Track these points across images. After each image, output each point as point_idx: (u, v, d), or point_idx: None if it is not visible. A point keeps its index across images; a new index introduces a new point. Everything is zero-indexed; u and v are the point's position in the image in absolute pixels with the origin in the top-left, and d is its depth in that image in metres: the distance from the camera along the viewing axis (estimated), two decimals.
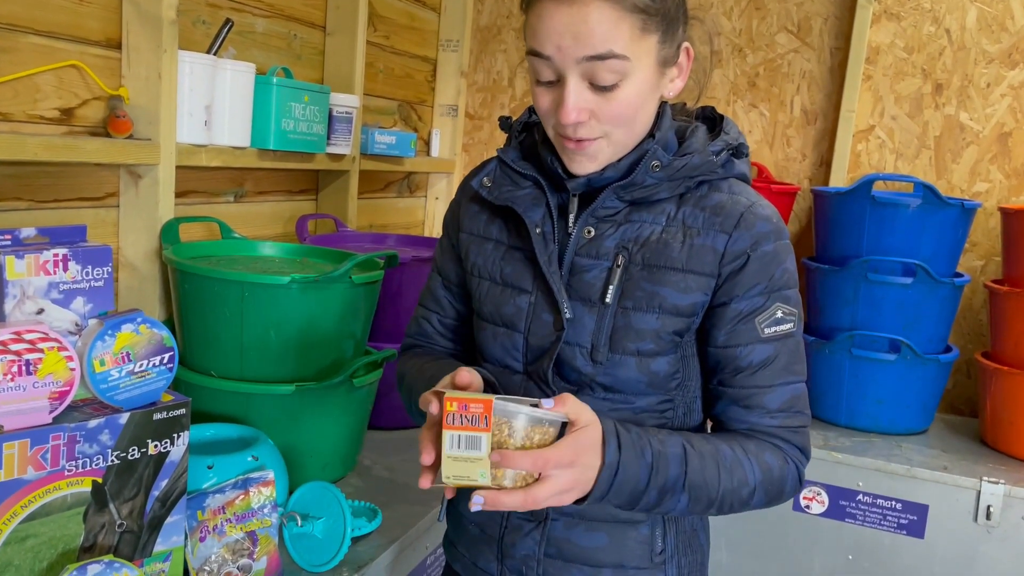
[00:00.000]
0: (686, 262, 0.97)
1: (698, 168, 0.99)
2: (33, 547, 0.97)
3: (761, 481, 0.96)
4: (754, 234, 0.97)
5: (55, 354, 0.97)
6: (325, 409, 1.52)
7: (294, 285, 1.42)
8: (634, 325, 0.98)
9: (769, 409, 0.98)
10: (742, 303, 0.97)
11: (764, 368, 0.97)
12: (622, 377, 0.99)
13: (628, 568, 1.03)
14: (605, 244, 1.00)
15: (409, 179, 2.65)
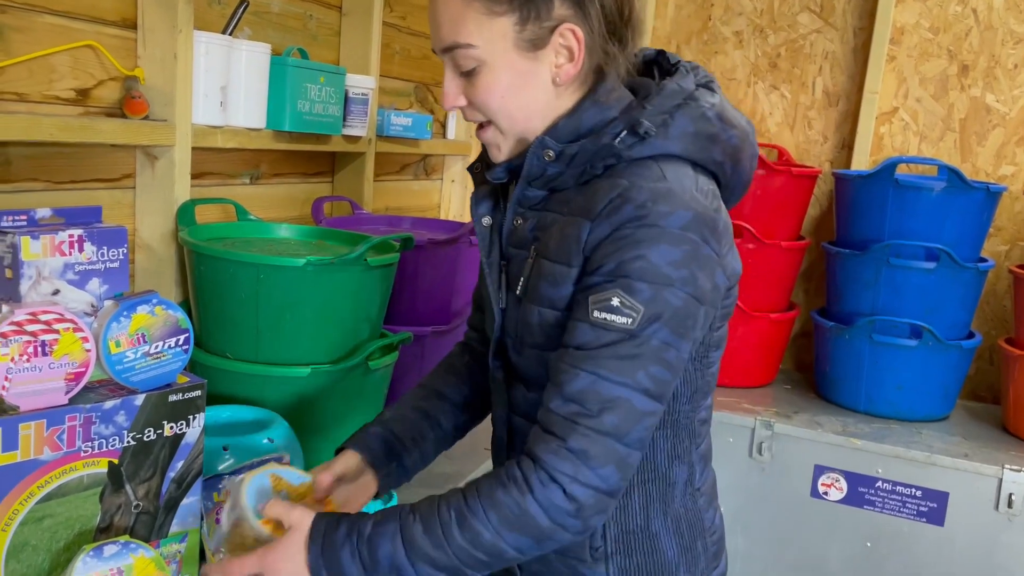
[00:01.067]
0: (555, 252, 0.93)
1: (596, 153, 0.92)
2: (50, 527, 0.97)
3: (499, 523, 0.85)
4: (616, 219, 0.87)
5: (71, 335, 0.97)
6: (341, 392, 1.51)
7: (309, 267, 1.41)
8: (525, 318, 0.96)
9: (563, 392, 0.86)
10: (588, 278, 0.89)
11: (578, 348, 0.87)
12: (531, 372, 0.97)
13: (569, 557, 1.01)
14: (527, 234, 0.99)
15: (425, 161, 2.64)
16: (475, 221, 1.03)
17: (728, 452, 2.00)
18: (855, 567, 1.93)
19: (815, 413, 2.08)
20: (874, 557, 1.91)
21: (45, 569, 0.98)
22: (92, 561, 0.94)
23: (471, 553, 0.86)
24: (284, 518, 0.92)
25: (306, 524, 0.90)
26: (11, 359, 0.92)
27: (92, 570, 0.93)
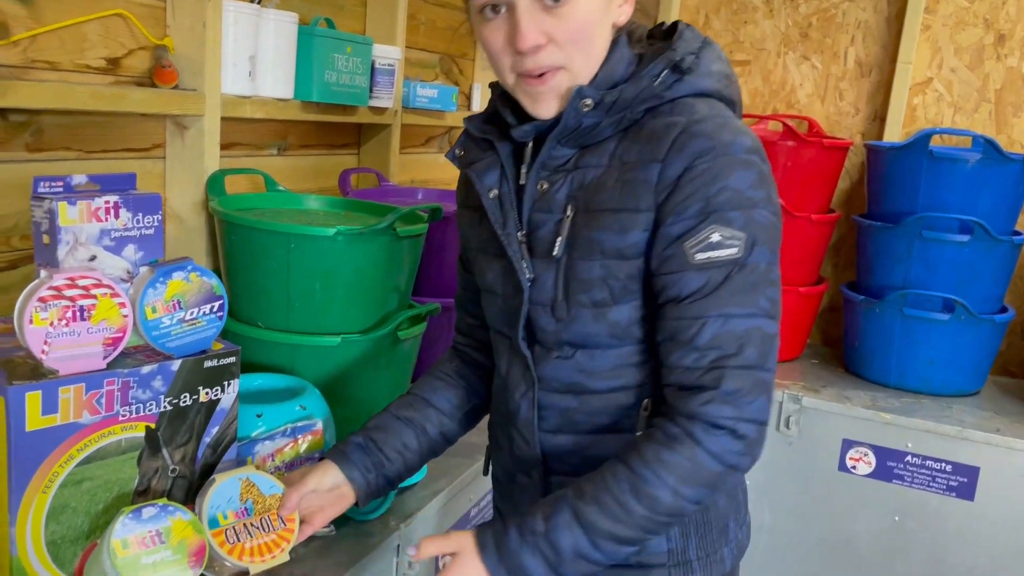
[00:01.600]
0: (619, 201, 0.91)
1: (636, 97, 0.91)
2: (89, 490, 0.98)
3: (676, 482, 0.86)
4: (688, 154, 0.88)
5: (108, 300, 0.97)
6: (370, 362, 1.52)
7: (340, 237, 1.41)
8: (581, 275, 0.94)
9: (697, 345, 0.87)
10: (673, 226, 0.88)
11: (693, 298, 0.87)
12: (582, 331, 0.95)
13: None
14: (557, 197, 0.96)
15: (450, 134, 2.62)
16: (482, 196, 0.99)
17: None
18: (882, 541, 1.92)
19: (843, 387, 2.06)
20: (902, 531, 1.90)
21: (84, 531, 0.99)
22: (131, 523, 0.95)
23: (652, 519, 0.87)
24: (442, 549, 0.91)
25: (470, 543, 0.89)
26: (50, 323, 0.93)
27: (131, 532, 0.95)
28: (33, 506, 0.94)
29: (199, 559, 0.98)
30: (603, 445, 0.97)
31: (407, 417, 1.14)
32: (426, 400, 1.16)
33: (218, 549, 1.01)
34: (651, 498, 0.86)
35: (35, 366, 0.95)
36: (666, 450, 0.87)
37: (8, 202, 1.30)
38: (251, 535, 1.04)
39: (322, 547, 1.17)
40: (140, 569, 0.93)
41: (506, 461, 1.07)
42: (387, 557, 1.23)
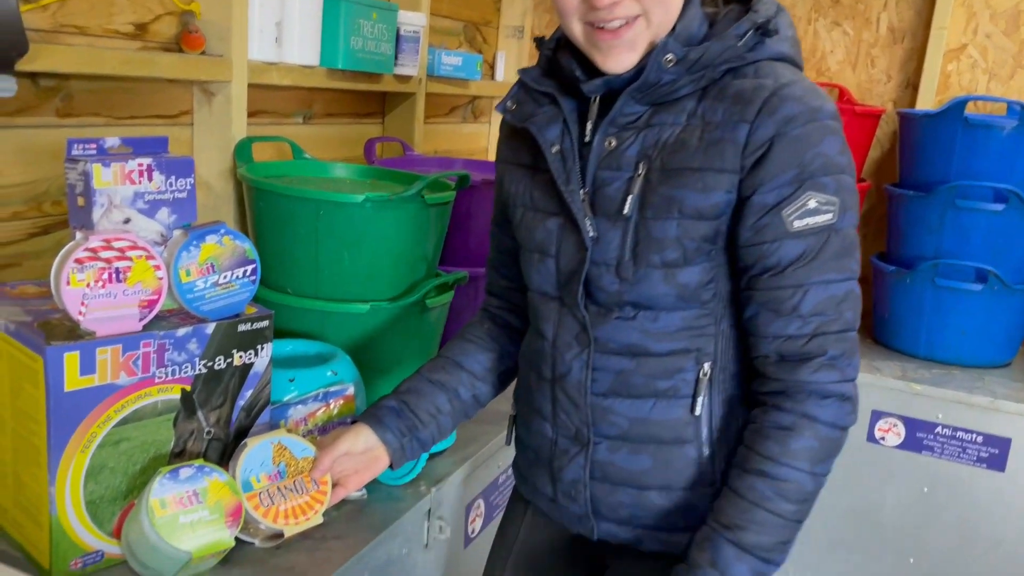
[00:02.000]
0: (703, 160, 0.90)
1: (720, 56, 0.90)
2: (127, 450, 0.99)
3: (811, 466, 0.89)
4: (780, 118, 0.87)
5: (143, 263, 0.97)
6: (398, 330, 1.52)
7: (368, 204, 1.40)
8: (654, 235, 0.92)
9: (801, 313, 0.88)
10: (767, 195, 0.88)
11: (795, 266, 0.88)
12: (649, 292, 0.93)
13: (676, 489, 0.98)
14: (627, 154, 0.94)
15: (473, 104, 2.60)
16: (544, 151, 0.97)
17: None
18: (911, 513, 1.91)
19: (873, 358, 2.04)
20: (931, 503, 1.89)
21: (122, 491, 1.00)
22: (168, 483, 0.96)
23: (804, 507, 0.90)
24: None
25: None
26: (87, 285, 0.93)
27: (169, 492, 0.95)
28: (72, 466, 0.95)
29: (235, 519, 0.99)
30: (655, 410, 0.97)
31: (439, 380, 1.13)
32: (457, 363, 1.15)
33: (252, 512, 1.02)
34: (797, 491, 0.89)
35: (72, 327, 0.95)
36: (791, 440, 0.89)
37: (40, 167, 1.30)
38: (285, 498, 1.05)
39: (354, 511, 1.18)
40: (178, 528, 0.94)
41: (543, 427, 1.05)
42: (418, 521, 1.24)
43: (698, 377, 0.96)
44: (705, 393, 0.96)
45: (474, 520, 1.44)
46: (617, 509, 1.00)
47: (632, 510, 1.00)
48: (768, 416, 0.91)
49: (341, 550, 1.07)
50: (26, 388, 0.94)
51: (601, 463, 1.00)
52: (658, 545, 1.00)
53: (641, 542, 1.00)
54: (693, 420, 0.96)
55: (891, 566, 1.94)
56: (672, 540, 0.99)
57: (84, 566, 0.98)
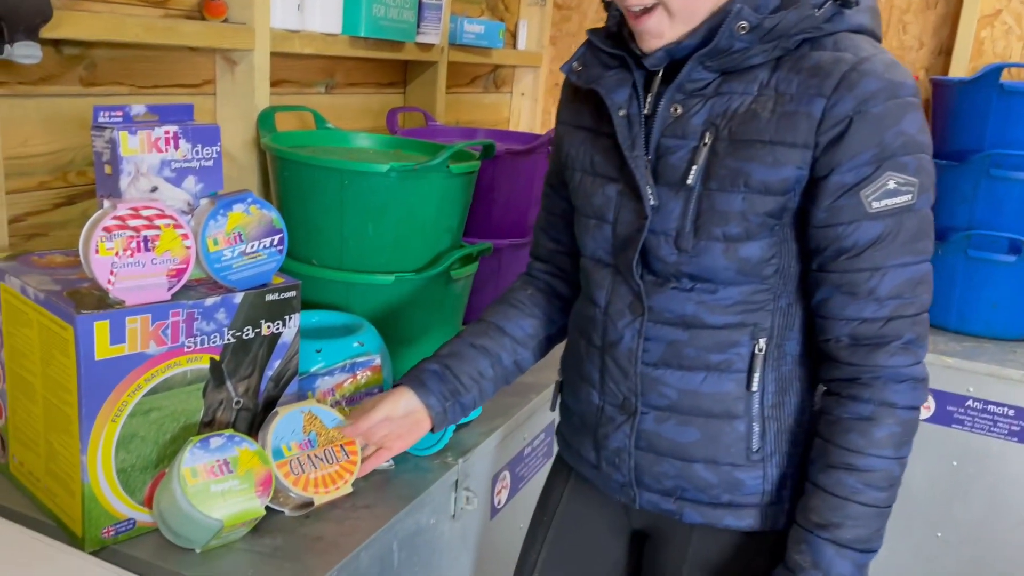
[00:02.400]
0: (775, 133, 0.87)
1: (795, 25, 0.86)
2: (157, 420, 0.99)
3: (895, 452, 0.89)
4: (859, 93, 0.83)
5: (171, 231, 0.96)
6: (423, 301, 1.51)
7: (393, 174, 1.39)
8: (718, 207, 0.90)
9: (878, 296, 0.87)
10: (845, 174, 0.85)
11: (873, 248, 0.86)
12: (709, 265, 0.92)
13: (721, 464, 0.97)
14: (692, 122, 0.91)
15: (495, 73, 2.57)
16: (612, 114, 0.94)
17: None
18: (940, 486, 1.89)
19: None
20: (960, 476, 1.87)
21: (153, 460, 1.00)
22: (199, 452, 0.96)
23: (895, 491, 0.91)
24: None
25: None
26: (115, 253, 0.92)
27: (200, 461, 0.95)
28: (103, 435, 0.95)
29: (266, 489, 0.99)
30: (706, 383, 0.95)
31: (483, 345, 1.11)
32: (500, 328, 1.13)
33: (283, 480, 1.02)
34: (886, 478, 0.89)
35: (101, 297, 0.95)
36: (873, 430, 0.89)
37: (64, 137, 1.29)
38: (315, 467, 1.05)
39: (382, 481, 1.18)
40: (209, 497, 0.94)
41: (590, 394, 1.04)
42: (445, 492, 1.24)
43: (753, 352, 0.94)
44: (760, 369, 0.94)
45: (500, 492, 1.44)
46: (661, 479, 1.00)
47: (676, 481, 0.99)
48: (845, 407, 0.90)
49: (370, 519, 1.07)
50: (57, 357, 0.94)
51: (647, 433, 0.99)
52: (698, 517, 1.00)
53: (682, 513, 1.00)
54: (745, 395, 0.95)
55: (919, 540, 1.92)
56: (713, 514, 0.99)
57: (116, 534, 0.99)
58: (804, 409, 0.97)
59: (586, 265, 1.04)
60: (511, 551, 1.55)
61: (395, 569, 1.12)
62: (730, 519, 0.98)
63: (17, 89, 1.21)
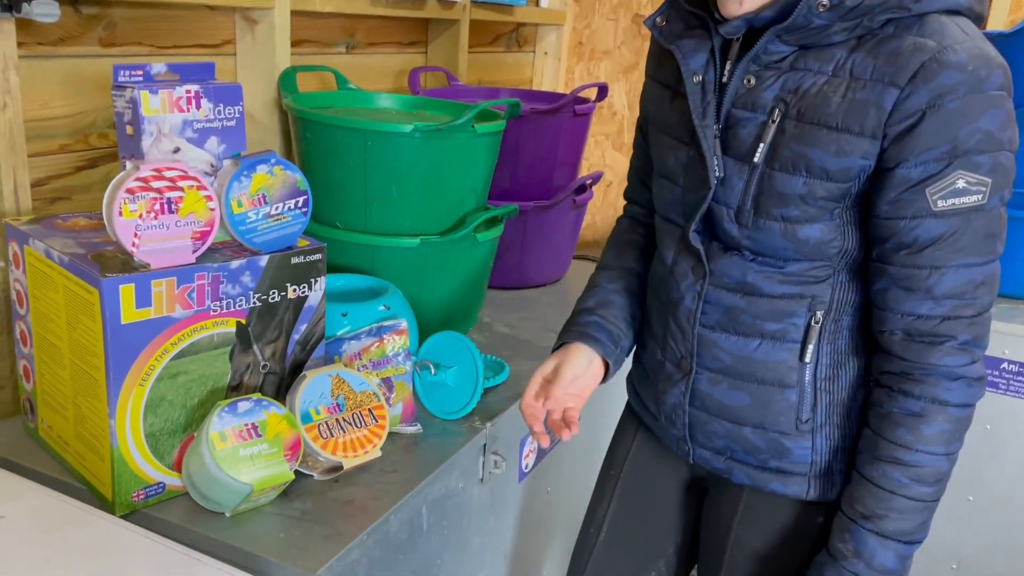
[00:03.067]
0: (842, 120, 0.84)
1: (880, 4, 0.81)
2: (184, 383, 0.98)
3: (945, 448, 0.88)
4: (935, 87, 0.79)
5: (195, 193, 0.95)
6: (449, 263, 1.49)
7: (417, 134, 1.36)
8: (778, 189, 0.89)
9: (934, 295, 0.85)
10: (912, 169, 0.82)
11: (934, 247, 0.84)
12: (766, 243, 0.91)
13: (770, 431, 0.98)
14: (764, 95, 0.88)
15: (518, 32, 2.52)
16: (685, 78, 0.92)
17: None
18: (972, 450, 1.84)
19: None
20: (993, 440, 1.83)
21: (181, 424, 1.00)
22: (228, 416, 0.95)
23: (943, 486, 0.90)
24: None
25: None
26: (139, 216, 0.91)
27: (228, 425, 0.95)
28: (131, 399, 0.94)
29: (295, 453, 0.98)
30: (760, 350, 0.96)
31: (624, 289, 1.11)
32: (631, 270, 1.13)
33: (312, 444, 1.01)
34: (933, 474, 0.88)
35: (126, 260, 0.94)
36: (923, 426, 0.87)
37: (85, 99, 1.27)
38: (344, 430, 1.04)
39: (410, 445, 1.17)
40: (238, 461, 0.94)
41: (655, 348, 1.06)
42: (473, 455, 1.23)
43: (809, 324, 0.94)
44: (815, 341, 0.94)
45: (528, 455, 1.43)
46: (712, 438, 1.02)
47: (726, 441, 1.01)
48: (896, 401, 0.89)
49: (399, 483, 1.07)
50: (83, 321, 0.93)
51: (700, 393, 1.01)
52: (746, 479, 1.01)
53: (731, 473, 1.02)
54: (799, 366, 0.95)
55: (949, 505, 1.90)
56: (761, 477, 1.00)
57: (146, 498, 0.99)
58: (860, 384, 0.96)
59: (658, 222, 1.05)
60: (539, 514, 1.55)
61: (424, 532, 1.12)
62: (776, 485, 0.99)
63: (36, 50, 1.19)
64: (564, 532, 1.68)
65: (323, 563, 0.90)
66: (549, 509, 1.59)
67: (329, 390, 1.04)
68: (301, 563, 0.90)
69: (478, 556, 1.31)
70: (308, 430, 1.01)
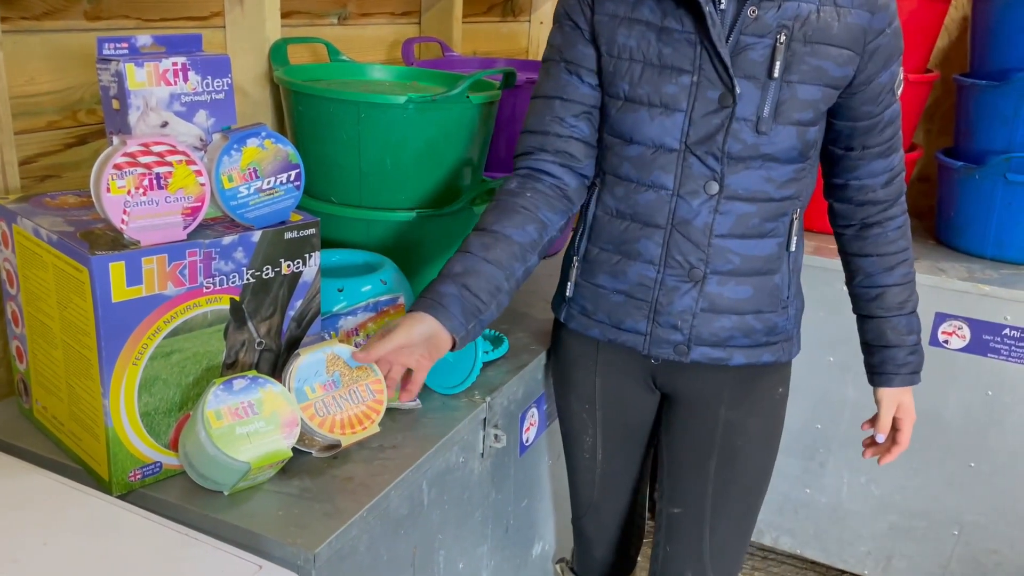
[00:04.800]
0: (842, 39, 1.07)
1: None
2: (179, 362, 0.97)
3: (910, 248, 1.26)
4: (890, 12, 1.09)
5: (184, 168, 0.93)
6: (445, 237, 1.47)
7: (411, 105, 1.34)
8: (799, 96, 1.08)
9: (897, 150, 1.19)
10: (884, 76, 1.12)
11: (895, 120, 1.17)
12: (782, 145, 1.10)
13: (764, 312, 1.19)
14: (768, 22, 1.07)
15: (513, 1, 2.48)
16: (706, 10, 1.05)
17: (842, 300, 1.90)
18: (974, 416, 1.85)
19: (937, 259, 1.95)
20: (995, 406, 1.83)
21: (176, 402, 0.99)
22: (223, 394, 0.94)
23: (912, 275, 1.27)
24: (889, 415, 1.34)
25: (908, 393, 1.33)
26: (128, 192, 0.89)
27: (223, 403, 0.94)
28: (125, 378, 0.93)
29: (291, 430, 0.97)
30: (759, 246, 1.15)
31: (495, 259, 1.09)
32: (509, 238, 1.11)
33: (308, 423, 1.00)
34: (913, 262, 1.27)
35: (115, 237, 0.92)
36: (907, 231, 1.25)
37: (72, 74, 1.25)
38: (340, 407, 1.03)
39: (409, 420, 1.16)
40: (235, 439, 0.93)
41: (644, 269, 1.17)
42: (474, 430, 1.22)
43: (792, 218, 1.17)
44: (796, 232, 1.18)
45: (528, 429, 1.43)
46: (719, 333, 1.18)
47: (731, 333, 1.19)
48: (885, 227, 1.23)
49: (399, 460, 1.06)
50: (74, 300, 0.92)
51: (711, 295, 1.16)
52: (743, 359, 1.20)
53: (731, 358, 1.20)
54: (785, 255, 1.18)
55: (951, 471, 1.90)
56: (754, 353, 1.21)
57: (143, 477, 0.98)
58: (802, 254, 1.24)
59: (639, 153, 1.14)
60: (540, 488, 1.55)
61: (425, 508, 1.11)
62: (766, 355, 1.21)
63: (20, 24, 1.17)
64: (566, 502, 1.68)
65: (323, 540, 0.89)
66: (551, 481, 1.59)
67: (324, 367, 1.03)
68: (301, 541, 0.89)
69: (480, 529, 1.31)
70: (304, 409, 1.00)
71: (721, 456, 1.26)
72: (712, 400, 1.25)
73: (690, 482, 1.30)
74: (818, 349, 1.94)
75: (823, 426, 2.02)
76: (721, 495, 1.28)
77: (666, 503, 1.34)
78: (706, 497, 1.29)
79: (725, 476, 1.27)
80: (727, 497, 1.28)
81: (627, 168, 1.15)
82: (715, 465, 1.27)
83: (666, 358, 1.21)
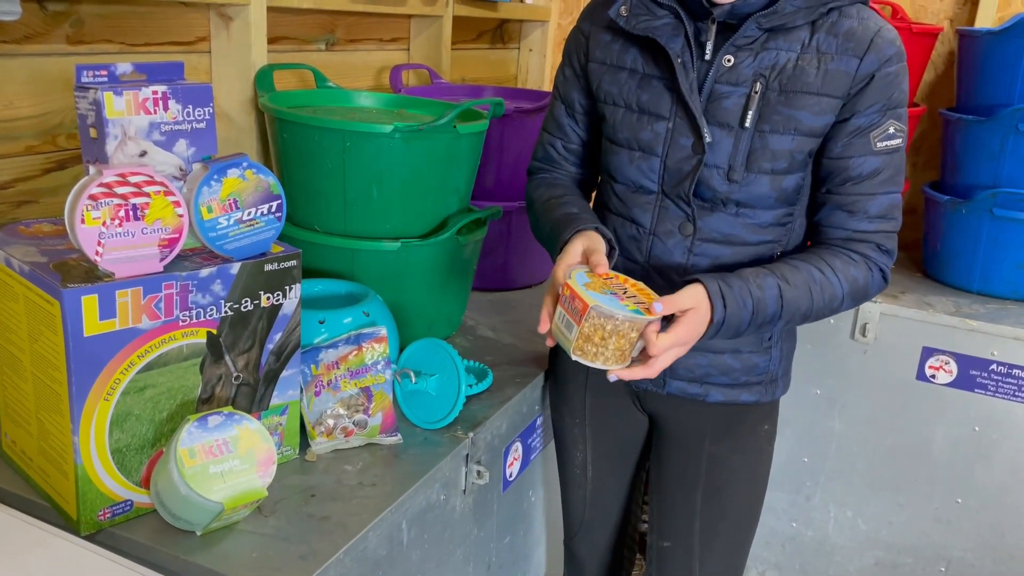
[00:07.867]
0: (821, 86, 1.06)
1: None
2: (152, 397, 0.94)
3: (848, 292, 1.10)
4: (881, 57, 1.05)
5: (162, 199, 0.91)
6: (431, 267, 1.45)
7: (397, 134, 1.33)
8: (771, 147, 1.08)
9: (870, 214, 1.10)
10: (861, 119, 1.07)
11: (871, 178, 1.09)
12: (755, 194, 1.10)
13: (743, 352, 1.20)
14: (743, 72, 1.07)
15: (502, 28, 2.48)
16: (673, 60, 1.07)
17: (828, 333, 1.90)
18: (960, 452, 1.84)
19: (924, 293, 1.95)
20: (982, 441, 1.82)
21: (149, 439, 0.96)
22: (197, 431, 0.91)
23: (823, 309, 1.10)
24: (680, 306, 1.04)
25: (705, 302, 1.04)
26: (103, 223, 0.87)
27: (197, 440, 0.91)
28: (96, 414, 0.90)
29: (267, 468, 0.94)
30: None
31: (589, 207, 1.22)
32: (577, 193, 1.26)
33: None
34: (831, 298, 1.09)
35: (89, 269, 0.90)
36: (854, 269, 1.10)
37: (52, 99, 1.23)
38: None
39: (389, 457, 1.13)
40: (208, 479, 0.90)
41: None
42: (456, 466, 1.20)
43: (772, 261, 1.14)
44: None
45: (512, 463, 1.40)
46: (693, 370, 1.20)
47: (707, 370, 1.20)
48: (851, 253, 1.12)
49: (377, 498, 1.03)
50: (45, 333, 0.89)
51: None
52: (720, 397, 1.21)
53: (708, 395, 1.21)
54: None
55: (938, 505, 1.89)
56: (732, 392, 1.21)
57: (113, 516, 0.95)
58: None
59: (620, 191, 1.19)
60: (524, 523, 1.52)
61: (404, 548, 1.08)
62: (745, 395, 1.22)
63: (0, 48, 1.15)
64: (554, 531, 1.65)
65: None
66: (533, 514, 1.56)
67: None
68: None
69: (461, 568, 1.28)
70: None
71: (706, 491, 1.26)
72: (695, 433, 1.25)
73: (677, 515, 1.30)
74: (804, 382, 1.93)
75: (809, 459, 2.00)
76: (709, 530, 1.28)
77: (656, 536, 1.34)
78: (693, 532, 1.28)
79: (712, 511, 1.27)
80: (715, 532, 1.28)
81: (615, 203, 1.21)
82: (700, 499, 1.27)
83: (644, 388, 1.26)
